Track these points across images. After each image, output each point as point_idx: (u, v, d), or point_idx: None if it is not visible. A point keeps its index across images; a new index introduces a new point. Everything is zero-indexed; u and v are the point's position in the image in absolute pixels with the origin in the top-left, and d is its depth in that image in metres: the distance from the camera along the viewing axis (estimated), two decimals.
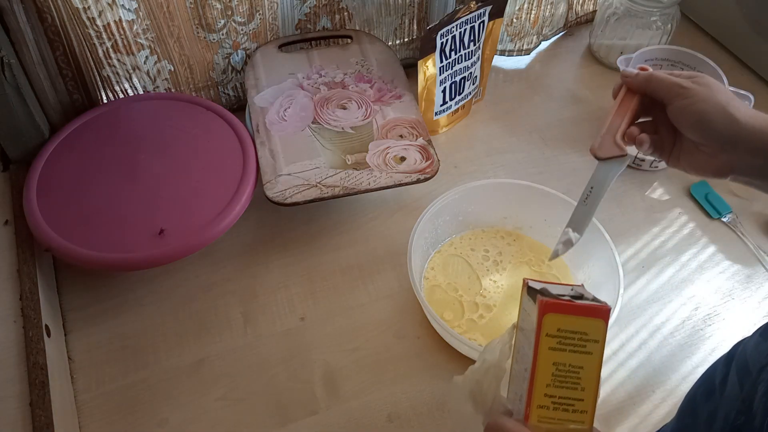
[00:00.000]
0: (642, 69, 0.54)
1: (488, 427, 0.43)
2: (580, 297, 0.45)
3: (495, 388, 0.47)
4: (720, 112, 0.48)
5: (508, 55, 1.01)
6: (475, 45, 0.85)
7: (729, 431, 0.46)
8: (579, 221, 0.57)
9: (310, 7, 0.86)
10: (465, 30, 0.82)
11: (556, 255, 0.59)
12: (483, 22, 0.84)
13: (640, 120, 0.56)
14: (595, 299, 0.45)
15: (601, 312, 0.43)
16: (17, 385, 0.59)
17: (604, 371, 0.66)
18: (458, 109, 0.90)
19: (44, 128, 0.77)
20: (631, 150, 0.88)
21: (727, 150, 0.49)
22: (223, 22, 0.80)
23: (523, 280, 0.48)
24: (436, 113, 0.88)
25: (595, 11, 1.05)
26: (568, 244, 0.58)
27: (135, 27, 0.75)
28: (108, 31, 0.74)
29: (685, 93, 0.50)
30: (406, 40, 0.96)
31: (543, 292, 0.45)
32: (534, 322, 0.43)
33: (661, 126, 0.54)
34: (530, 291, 0.46)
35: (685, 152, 0.53)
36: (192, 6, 0.76)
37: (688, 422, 0.53)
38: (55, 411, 0.58)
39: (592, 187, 0.56)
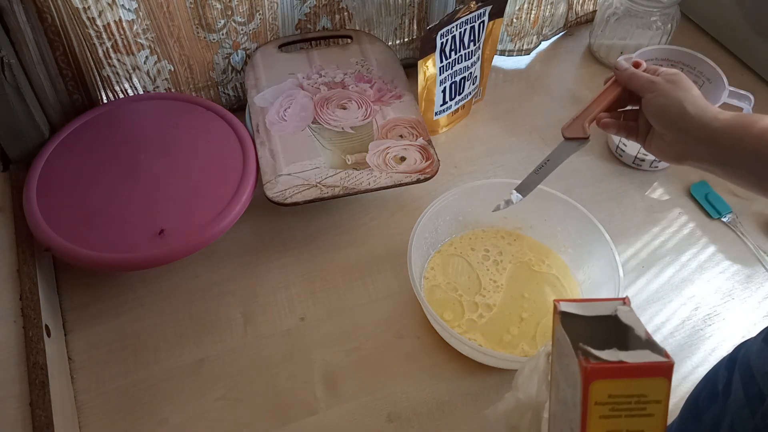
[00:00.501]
0: (636, 64, 0.62)
1: None
2: (626, 332, 0.39)
3: None
4: (676, 105, 0.56)
5: (508, 55, 1.01)
6: (475, 45, 0.85)
7: None
8: (526, 186, 0.65)
9: (310, 7, 0.86)
10: (465, 30, 0.82)
11: (497, 209, 0.66)
12: (483, 22, 0.84)
13: (628, 108, 0.64)
14: (648, 339, 0.38)
15: (663, 369, 0.36)
16: (17, 385, 0.59)
17: None
18: (458, 109, 0.90)
19: (44, 128, 0.77)
20: (632, 149, 0.88)
21: (680, 139, 0.56)
22: (223, 22, 0.80)
23: (554, 303, 0.42)
24: (436, 113, 0.88)
25: (595, 11, 1.05)
26: (509, 202, 0.65)
27: (135, 27, 0.75)
28: (108, 31, 0.74)
29: (652, 87, 0.58)
30: (406, 40, 0.96)
31: (586, 352, 0.37)
32: (570, 352, 0.37)
33: (641, 115, 0.61)
34: (564, 321, 0.40)
35: (654, 139, 0.60)
36: (192, 6, 0.77)
37: (690, 427, 0.53)
38: (55, 411, 0.58)
39: (548, 160, 0.64)
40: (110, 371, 0.66)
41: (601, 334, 0.39)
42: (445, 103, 0.87)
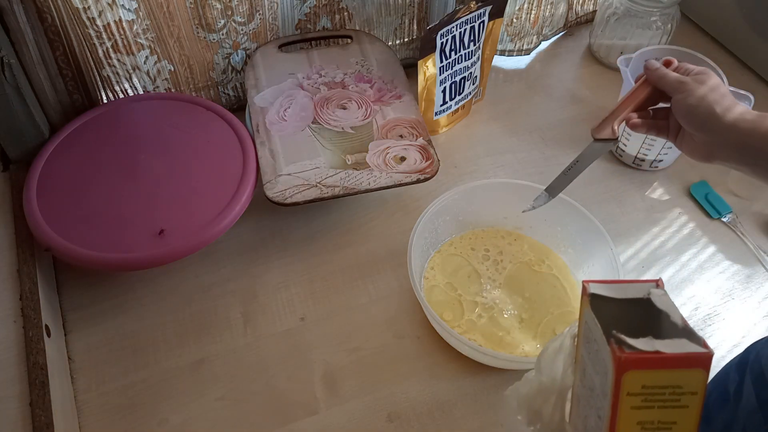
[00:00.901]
0: (667, 62, 0.62)
1: None
2: (661, 318, 0.37)
3: (559, 419, 0.42)
4: (704, 107, 0.56)
5: (508, 55, 1.01)
6: (475, 45, 0.85)
7: None
8: (556, 187, 0.66)
9: (310, 7, 0.86)
10: (465, 30, 0.82)
11: (528, 209, 0.68)
12: (483, 22, 0.84)
13: (660, 105, 0.64)
14: (685, 327, 0.36)
15: (701, 361, 0.35)
16: (17, 385, 0.59)
17: None
18: (458, 109, 0.90)
19: (44, 128, 0.77)
20: (631, 149, 0.88)
21: (709, 139, 0.57)
22: (223, 22, 0.80)
23: (583, 284, 0.40)
24: (436, 113, 0.88)
25: (595, 11, 1.05)
26: (540, 201, 0.67)
27: (135, 27, 0.75)
28: (108, 31, 0.74)
29: (681, 88, 0.58)
30: (406, 40, 0.96)
31: (619, 341, 0.35)
32: (601, 337, 0.36)
33: (671, 114, 0.61)
34: (593, 303, 0.38)
35: (685, 138, 0.60)
36: (192, 6, 0.76)
37: (700, 428, 0.53)
38: (55, 411, 0.58)
39: (577, 161, 0.64)
40: (110, 371, 0.66)
41: (633, 319, 0.37)
42: (445, 103, 0.87)
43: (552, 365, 0.43)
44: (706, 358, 0.35)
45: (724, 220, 0.82)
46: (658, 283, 0.39)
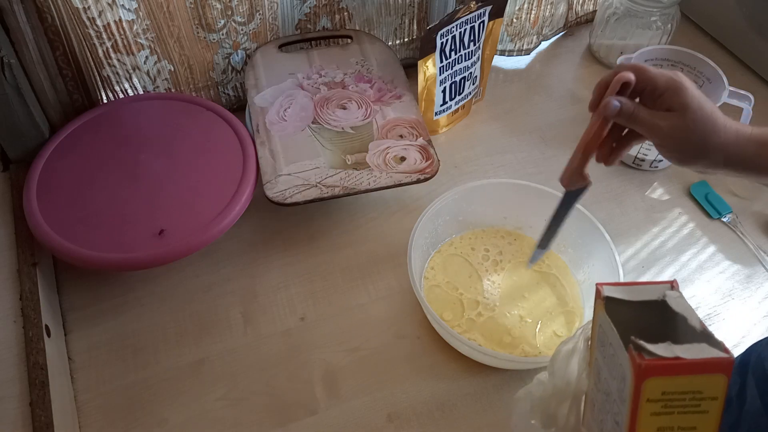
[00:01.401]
0: (625, 84, 0.51)
1: None
2: (679, 321, 0.36)
3: (574, 423, 0.42)
4: (693, 153, 0.51)
5: (508, 55, 1.01)
6: (475, 45, 0.85)
7: None
8: (546, 239, 0.66)
9: (310, 7, 0.86)
10: (465, 30, 0.82)
11: (530, 266, 0.71)
12: (483, 22, 0.84)
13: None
14: (704, 331, 0.36)
15: (722, 366, 0.34)
16: (17, 385, 0.59)
17: None
18: (458, 109, 0.90)
19: (44, 128, 0.77)
20: (632, 150, 0.87)
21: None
22: (223, 22, 0.80)
23: (596, 287, 0.39)
24: (436, 113, 0.88)
25: (595, 11, 1.05)
26: (536, 257, 0.69)
27: (135, 27, 0.75)
28: (108, 31, 0.74)
29: (662, 138, 0.52)
30: (406, 40, 0.96)
31: (638, 347, 0.34)
32: (617, 342, 0.35)
33: None
34: (608, 307, 0.38)
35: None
36: (192, 6, 0.77)
37: None
38: (55, 411, 0.58)
39: (556, 213, 0.63)
40: (110, 371, 0.66)
41: (650, 322, 0.37)
42: (445, 103, 0.87)
43: (566, 368, 0.42)
44: (728, 363, 0.34)
45: (724, 220, 0.82)
46: (672, 285, 0.39)
